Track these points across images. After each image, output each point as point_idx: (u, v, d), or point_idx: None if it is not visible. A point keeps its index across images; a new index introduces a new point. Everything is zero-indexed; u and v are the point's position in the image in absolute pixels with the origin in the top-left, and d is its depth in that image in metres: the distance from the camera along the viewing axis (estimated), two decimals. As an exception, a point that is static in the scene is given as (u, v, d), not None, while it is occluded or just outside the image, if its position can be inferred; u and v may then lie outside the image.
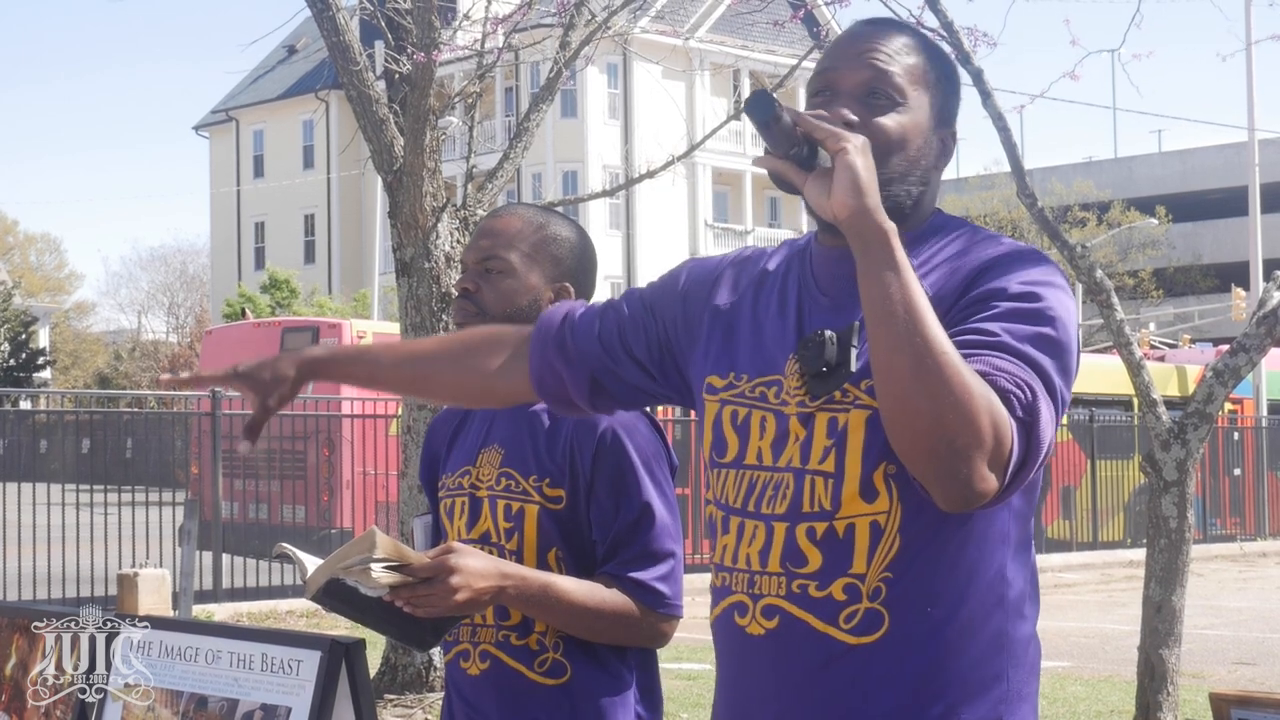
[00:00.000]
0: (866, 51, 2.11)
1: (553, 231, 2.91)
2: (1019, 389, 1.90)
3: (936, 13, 8.01)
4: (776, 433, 2.10)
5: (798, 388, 2.08)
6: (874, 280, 1.89)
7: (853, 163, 1.90)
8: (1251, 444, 23.61)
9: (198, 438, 15.15)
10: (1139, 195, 50.34)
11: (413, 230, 8.99)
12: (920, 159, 2.11)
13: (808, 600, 2.04)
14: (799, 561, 2.04)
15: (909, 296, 1.87)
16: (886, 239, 1.89)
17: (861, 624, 2.02)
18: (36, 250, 67.30)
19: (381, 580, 2.44)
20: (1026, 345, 1.94)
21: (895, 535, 2.02)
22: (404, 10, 9.30)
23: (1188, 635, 8.01)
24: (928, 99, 2.12)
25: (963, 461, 1.86)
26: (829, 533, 2.03)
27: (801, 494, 2.05)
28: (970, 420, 1.85)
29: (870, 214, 1.90)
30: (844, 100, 2.09)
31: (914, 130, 2.10)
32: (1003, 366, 1.91)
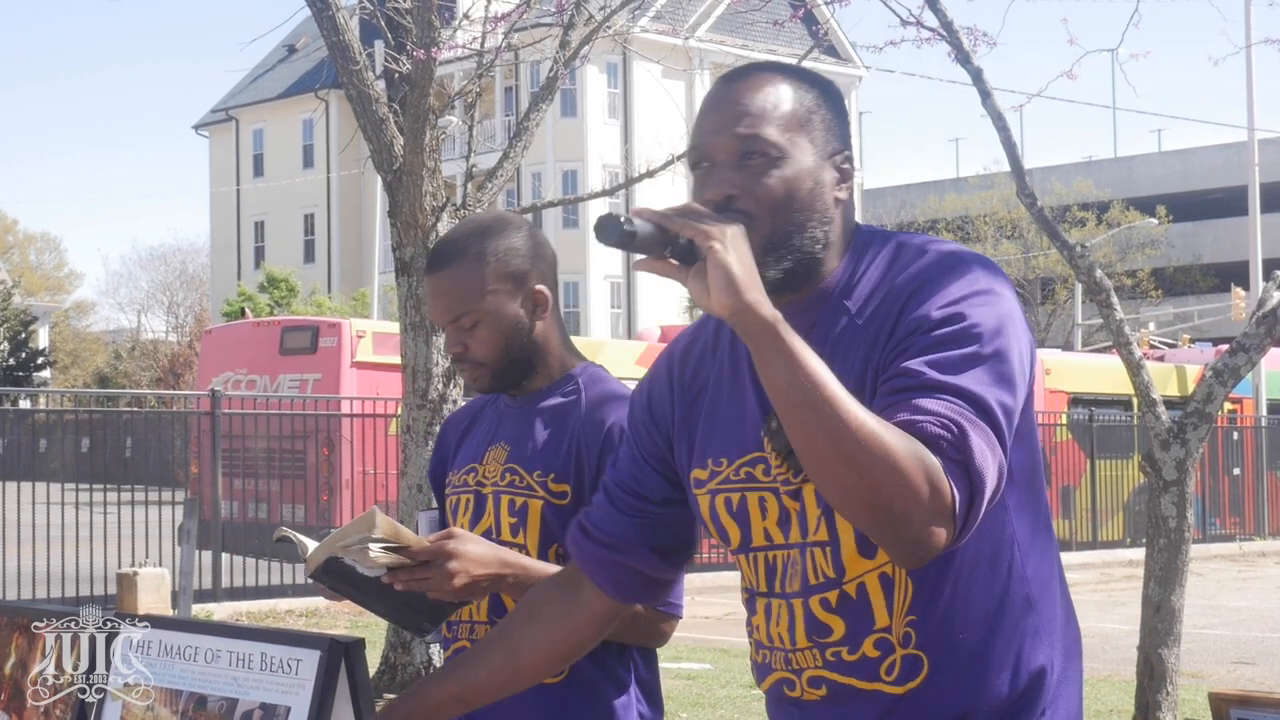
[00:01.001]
0: (733, 117, 2.07)
1: (497, 251, 2.81)
2: (945, 430, 1.87)
3: (936, 12, 8.01)
4: (780, 511, 2.09)
5: (779, 466, 2.07)
6: (771, 373, 1.87)
7: (723, 261, 1.87)
8: (1251, 444, 23.61)
9: (197, 437, 15.15)
10: (1139, 195, 50.34)
11: (413, 229, 8.99)
12: (816, 200, 2.07)
13: (844, 665, 2.06)
14: (823, 633, 2.07)
15: (808, 382, 1.84)
16: (773, 331, 1.86)
17: (902, 673, 2.03)
18: (36, 250, 67.36)
19: (379, 560, 2.45)
20: (952, 375, 1.92)
21: (906, 580, 2.03)
22: (404, 10, 9.30)
23: (1187, 635, 8.01)
24: (806, 139, 2.08)
25: (905, 523, 1.85)
26: (842, 598, 2.05)
27: (806, 568, 2.07)
28: (902, 483, 1.83)
29: (750, 310, 1.86)
30: (721, 171, 2.05)
31: (800, 177, 2.06)
32: (927, 408, 1.89)
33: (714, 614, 14.01)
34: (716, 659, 11.24)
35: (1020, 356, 1.99)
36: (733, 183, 2.04)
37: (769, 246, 2.02)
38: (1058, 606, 2.14)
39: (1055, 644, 2.11)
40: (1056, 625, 2.12)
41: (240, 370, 18.23)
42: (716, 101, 2.11)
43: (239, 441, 15.59)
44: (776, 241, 2.03)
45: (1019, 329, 2.01)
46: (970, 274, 2.02)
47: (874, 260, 2.10)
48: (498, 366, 2.82)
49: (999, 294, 2.01)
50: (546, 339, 2.85)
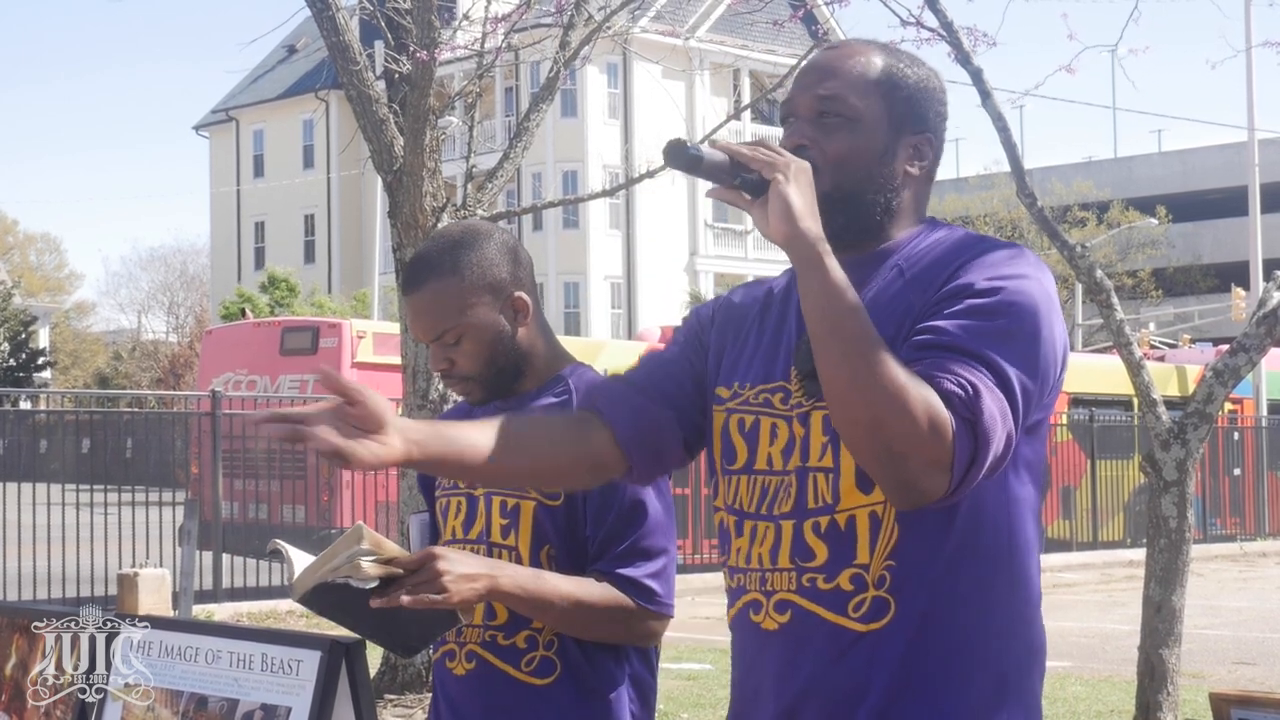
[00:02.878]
0: (818, 77, 2.22)
1: (472, 263, 2.80)
2: (961, 388, 1.96)
3: (936, 12, 8.01)
4: (787, 438, 2.18)
5: (798, 391, 2.17)
6: (810, 296, 2.01)
7: (784, 191, 2.03)
8: (1251, 444, 23.61)
9: (198, 438, 15.15)
10: (1139, 195, 50.34)
11: (413, 230, 8.99)
12: (883, 167, 2.19)
13: (816, 593, 2.12)
14: (807, 556, 2.13)
15: (842, 309, 1.98)
16: (818, 257, 2.00)
17: (870, 611, 2.09)
18: (36, 250, 67.37)
19: (371, 573, 2.45)
20: (979, 341, 2.01)
21: (893, 524, 2.09)
22: (404, 10, 9.30)
23: (1188, 635, 8.01)
24: (884, 110, 2.20)
25: (902, 464, 1.96)
26: (832, 526, 2.12)
27: (805, 491, 2.14)
28: (906, 423, 1.94)
29: (803, 237, 2.01)
30: (800, 125, 2.20)
31: (868, 143, 2.19)
32: (949, 366, 1.99)
33: (714, 614, 14.01)
34: (717, 659, 11.24)
35: (1052, 349, 2.08)
36: (806, 135, 2.19)
37: (829, 199, 2.13)
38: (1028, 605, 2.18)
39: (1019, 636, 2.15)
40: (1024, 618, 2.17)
41: (240, 371, 18.22)
42: (811, 65, 2.26)
43: (239, 442, 15.59)
44: (837, 195, 2.15)
45: (1056, 324, 2.10)
46: (1022, 259, 2.12)
47: (940, 239, 2.21)
48: (485, 377, 2.83)
49: (1044, 284, 2.11)
50: (532, 344, 2.85)
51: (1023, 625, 2.16)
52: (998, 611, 2.13)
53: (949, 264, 2.12)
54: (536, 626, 2.73)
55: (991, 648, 2.12)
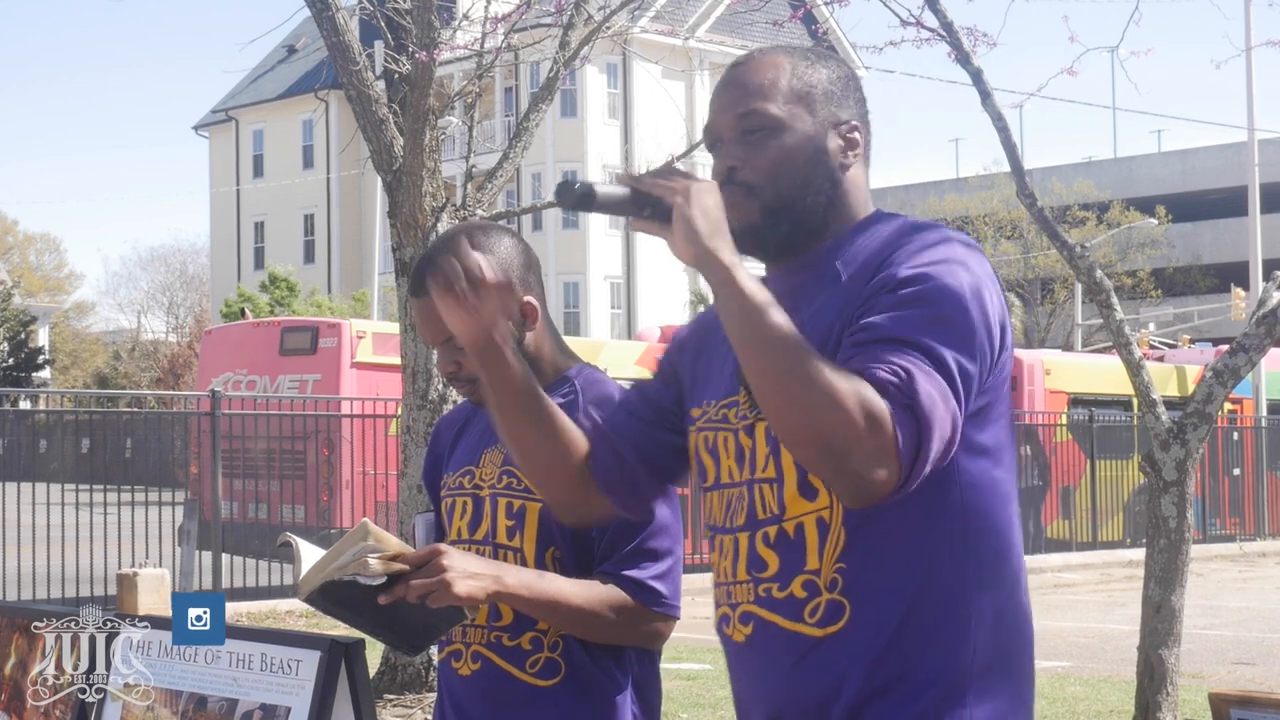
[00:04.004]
0: (734, 96, 2.23)
1: None
2: (893, 374, 1.96)
3: (936, 13, 8.01)
4: (737, 449, 2.21)
5: (745, 401, 2.19)
6: (727, 313, 2.02)
7: (685, 214, 2.03)
8: (1251, 444, 23.60)
9: (197, 438, 15.15)
10: (1139, 195, 50.33)
11: (412, 230, 8.99)
12: (818, 165, 2.20)
13: (772, 602, 2.14)
14: (760, 567, 2.15)
15: (757, 319, 1.98)
16: (729, 274, 2.01)
17: (825, 616, 2.10)
18: (36, 250, 67.37)
19: (377, 569, 2.45)
20: (909, 329, 2.01)
21: (840, 528, 2.09)
22: (403, 10, 9.30)
23: (1188, 635, 8.01)
24: (805, 110, 2.21)
25: (846, 460, 1.95)
26: (780, 535, 2.14)
27: (754, 503, 2.17)
28: (841, 420, 1.93)
29: (710, 256, 2.02)
30: (726, 147, 2.21)
31: (798, 145, 2.19)
32: (880, 356, 1.99)
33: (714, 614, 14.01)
34: (716, 659, 11.24)
35: (987, 329, 2.06)
36: (735, 155, 2.20)
37: (772, 211, 2.17)
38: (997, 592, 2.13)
39: (985, 632, 2.11)
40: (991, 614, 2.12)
41: (240, 371, 18.22)
42: (723, 85, 2.26)
43: (239, 442, 15.59)
44: (779, 205, 2.18)
45: (989, 303, 2.08)
46: (946, 246, 2.10)
47: (877, 233, 2.20)
48: None
49: (970, 267, 2.09)
50: (539, 347, 2.85)
51: (999, 610, 2.12)
52: (968, 600, 2.10)
53: (879, 257, 2.13)
54: (541, 628, 2.73)
55: (966, 637, 2.09)
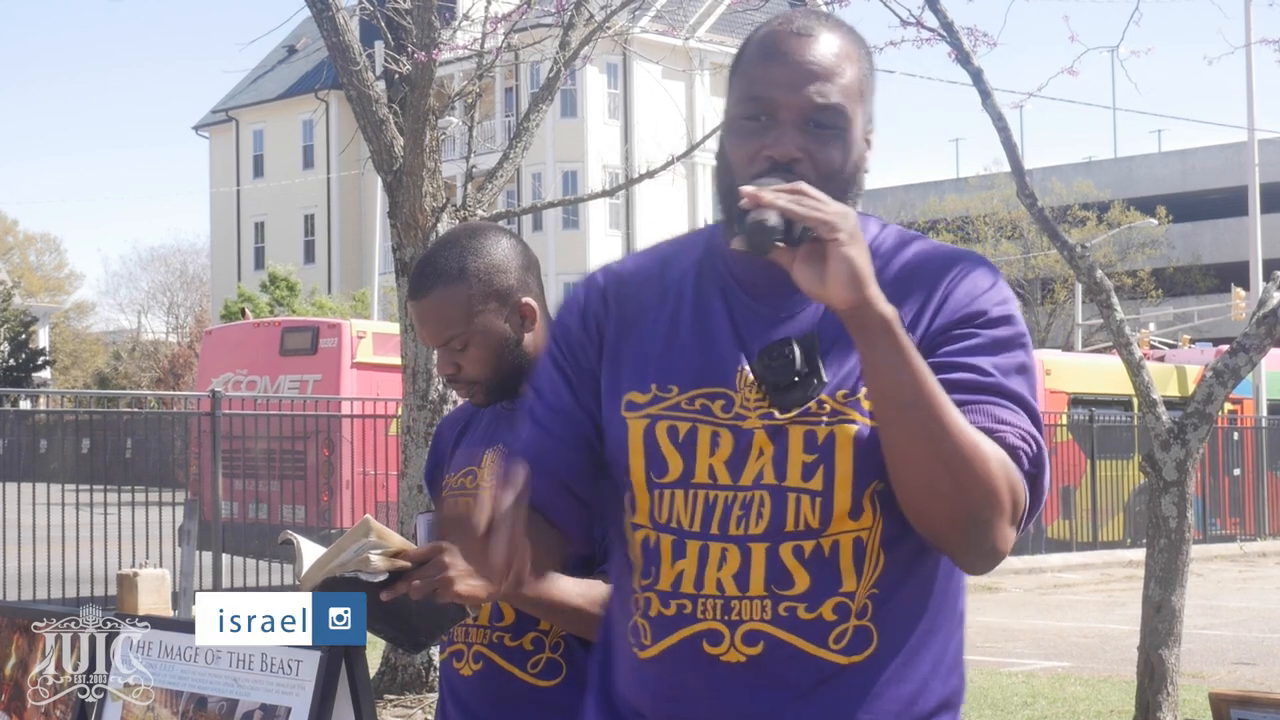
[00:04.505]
0: (805, 78, 2.01)
1: (480, 271, 2.79)
2: (1025, 443, 1.92)
3: (936, 13, 8.01)
4: (735, 449, 2.00)
5: (760, 400, 2.00)
6: (883, 371, 1.86)
7: (848, 255, 1.84)
8: (1251, 444, 23.60)
9: (198, 438, 15.15)
10: (1139, 195, 50.31)
11: (413, 230, 8.99)
12: (858, 173, 2.06)
13: (796, 623, 1.97)
14: (785, 584, 1.97)
15: (919, 383, 1.86)
16: (890, 328, 1.86)
17: (851, 643, 1.98)
18: (36, 250, 67.33)
19: (379, 566, 2.45)
20: (1014, 382, 1.96)
21: (879, 551, 1.99)
22: (404, 10, 9.30)
23: (1188, 635, 8.01)
24: (861, 111, 2.05)
25: (987, 531, 1.89)
26: (816, 551, 1.97)
27: (784, 512, 1.98)
28: (992, 494, 1.87)
29: (871, 305, 1.85)
30: (785, 131, 2.00)
31: (856, 152, 2.05)
32: (1004, 418, 1.93)
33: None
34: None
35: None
36: (797, 144, 2.00)
37: None
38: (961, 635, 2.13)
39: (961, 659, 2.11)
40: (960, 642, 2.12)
41: (240, 371, 18.23)
42: (784, 53, 2.03)
43: (239, 442, 15.59)
44: None
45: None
46: (1000, 277, 2.05)
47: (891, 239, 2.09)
48: (491, 382, 2.83)
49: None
50: (537, 348, 2.85)
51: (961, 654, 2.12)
52: (953, 638, 2.08)
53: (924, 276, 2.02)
54: (543, 628, 2.73)
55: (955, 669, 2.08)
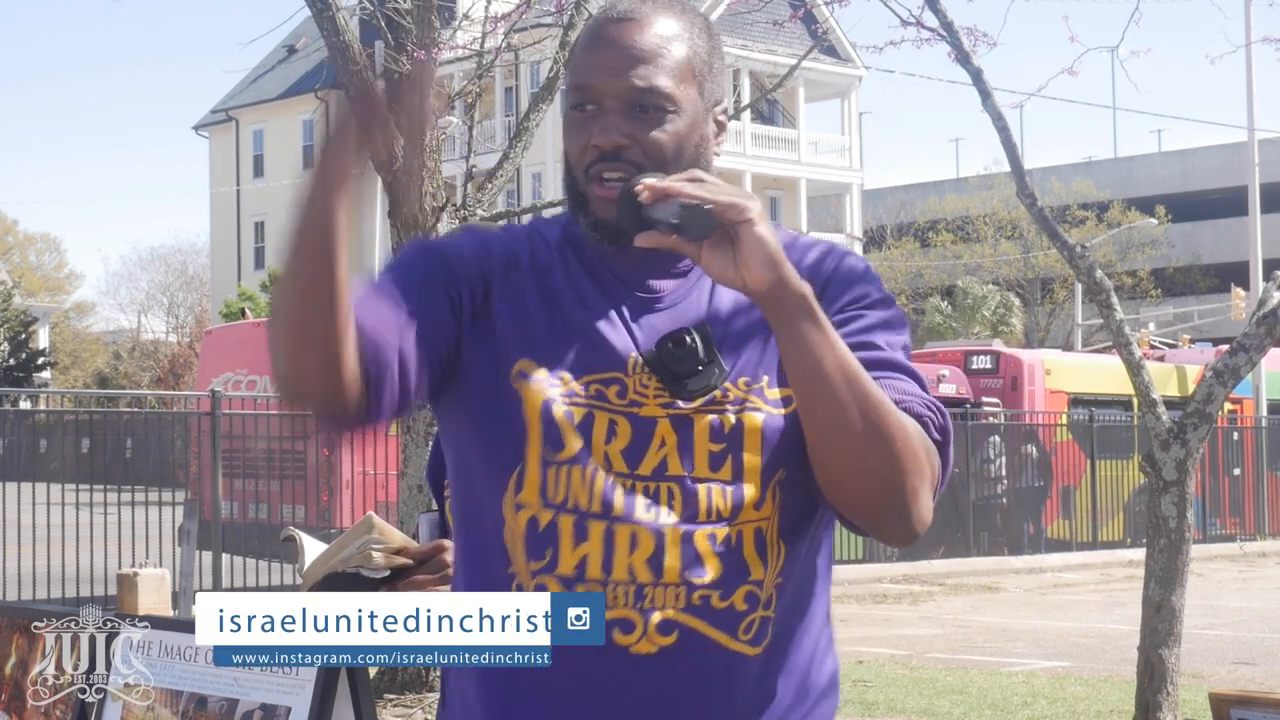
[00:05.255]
0: (626, 61, 1.96)
1: None
2: (930, 411, 1.93)
3: (936, 13, 8.01)
4: (633, 437, 1.94)
5: (658, 389, 1.95)
6: (806, 349, 1.83)
7: (761, 235, 1.81)
8: (1251, 444, 23.60)
9: (197, 438, 15.15)
10: (1139, 195, 50.34)
11: (413, 230, 8.99)
12: (701, 154, 1.99)
13: (710, 612, 1.93)
14: (699, 572, 1.92)
15: (842, 358, 1.84)
16: (809, 304, 1.83)
17: (757, 633, 1.95)
18: (36, 250, 67.33)
19: (381, 562, 2.45)
20: (902, 356, 1.99)
21: (778, 541, 1.96)
22: (404, 10, 9.30)
23: (1188, 635, 8.01)
24: (695, 90, 1.99)
25: (914, 501, 1.89)
26: (727, 540, 1.93)
27: (695, 501, 1.93)
28: (918, 464, 1.88)
29: (788, 283, 1.82)
30: (610, 118, 1.95)
31: (689, 131, 1.98)
32: (907, 389, 1.94)
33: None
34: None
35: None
36: (623, 131, 1.95)
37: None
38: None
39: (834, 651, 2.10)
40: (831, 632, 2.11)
41: (240, 371, 18.22)
42: (610, 42, 1.98)
43: (239, 442, 15.59)
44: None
45: None
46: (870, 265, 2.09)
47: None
48: None
49: None
50: None
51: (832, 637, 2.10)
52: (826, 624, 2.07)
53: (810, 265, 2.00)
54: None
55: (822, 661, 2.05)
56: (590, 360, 1.96)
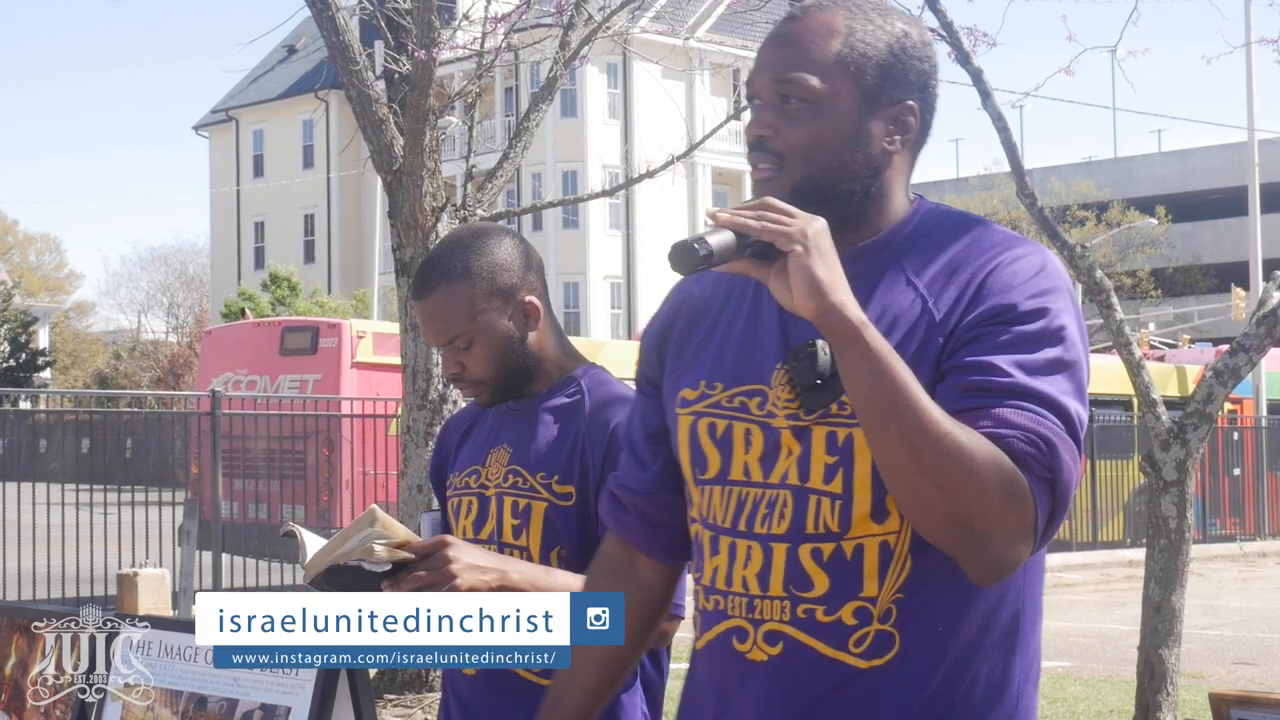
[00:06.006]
0: (777, 56, 2.03)
1: (483, 270, 2.80)
2: (1034, 446, 1.83)
3: (936, 13, 8.00)
4: (765, 447, 2.01)
5: (789, 400, 2.00)
6: (854, 376, 1.84)
7: (805, 264, 1.83)
8: (1251, 444, 23.60)
9: (197, 438, 15.15)
10: (1138, 195, 50.33)
11: (412, 230, 8.99)
12: (856, 150, 2.01)
13: (814, 625, 1.95)
14: (804, 585, 1.96)
15: (892, 388, 1.82)
16: (858, 334, 1.83)
17: (872, 647, 1.94)
18: (36, 250, 67.33)
19: (383, 556, 2.45)
20: (1039, 380, 1.87)
21: (906, 556, 1.94)
22: (404, 10, 9.30)
23: (1188, 635, 8.01)
24: (850, 86, 2.01)
25: (986, 543, 1.83)
26: (836, 554, 1.95)
27: (805, 514, 1.96)
28: (984, 502, 1.81)
29: (834, 312, 1.83)
30: (762, 111, 2.03)
31: (835, 128, 2.00)
32: (1013, 421, 1.84)
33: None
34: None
35: (1088, 359, 1.96)
36: (767, 123, 2.02)
37: (801, 192, 1.98)
38: (1035, 636, 2.06)
39: (1030, 666, 2.04)
40: (1032, 649, 2.05)
41: (240, 371, 18.22)
42: (770, 38, 2.08)
43: (239, 442, 15.59)
44: (809, 187, 1.99)
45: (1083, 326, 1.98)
46: (1056, 271, 1.97)
47: (942, 227, 2.05)
48: (496, 381, 2.83)
49: (1071, 291, 1.98)
50: (542, 347, 2.85)
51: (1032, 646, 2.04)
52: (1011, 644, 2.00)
53: (967, 268, 1.96)
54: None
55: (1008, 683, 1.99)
56: (742, 372, 2.05)
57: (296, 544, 2.60)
